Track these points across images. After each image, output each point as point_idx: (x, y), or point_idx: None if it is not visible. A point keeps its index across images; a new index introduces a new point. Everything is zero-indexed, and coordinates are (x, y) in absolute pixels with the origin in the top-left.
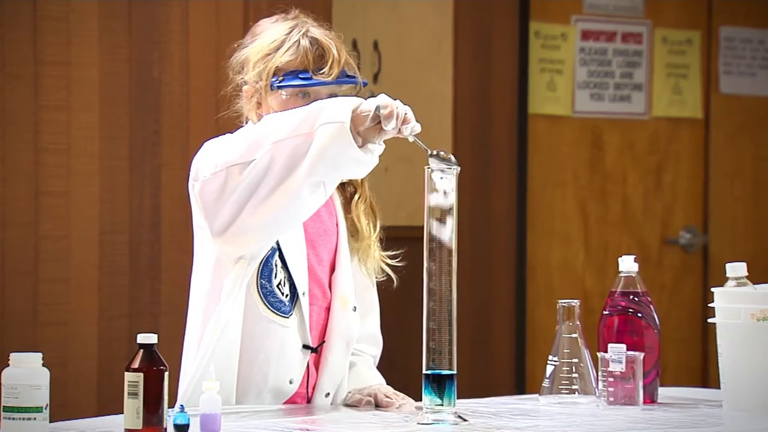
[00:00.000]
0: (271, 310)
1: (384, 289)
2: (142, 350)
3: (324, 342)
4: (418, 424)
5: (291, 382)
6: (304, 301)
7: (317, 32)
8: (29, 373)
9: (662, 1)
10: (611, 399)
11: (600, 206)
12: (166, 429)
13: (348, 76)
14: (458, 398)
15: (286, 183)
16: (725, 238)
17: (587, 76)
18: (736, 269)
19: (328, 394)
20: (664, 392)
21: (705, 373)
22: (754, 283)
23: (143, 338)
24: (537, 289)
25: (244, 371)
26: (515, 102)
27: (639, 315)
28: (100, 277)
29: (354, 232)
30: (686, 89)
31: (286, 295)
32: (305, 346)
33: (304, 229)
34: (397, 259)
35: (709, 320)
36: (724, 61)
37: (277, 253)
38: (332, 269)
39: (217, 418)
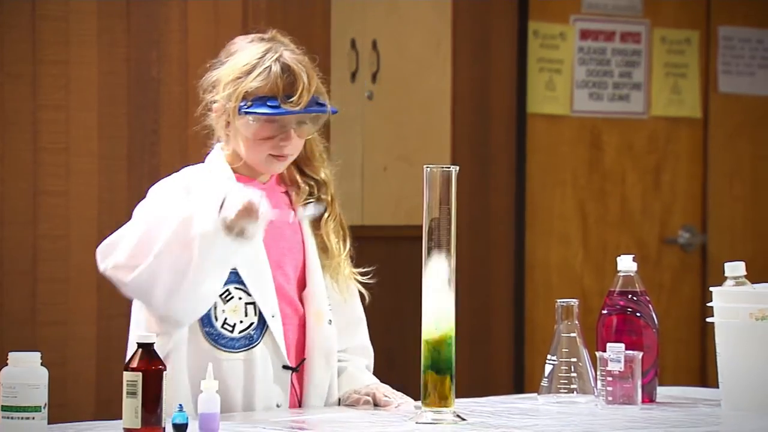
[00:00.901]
0: (227, 350)
1: (383, 288)
2: (140, 349)
3: (305, 359)
4: (417, 423)
5: (278, 406)
6: (275, 323)
7: (290, 58)
8: (28, 372)
9: (661, 1)
10: (610, 398)
11: (599, 206)
12: (164, 428)
13: (318, 104)
14: (457, 397)
15: (180, 290)
16: (724, 238)
17: (586, 75)
18: (735, 269)
19: None
20: (662, 391)
21: (703, 373)
22: (752, 283)
23: (142, 338)
24: (536, 289)
25: (227, 409)
26: (514, 101)
27: (638, 314)
28: (98, 276)
29: (324, 249)
30: (685, 89)
31: (251, 324)
32: (285, 367)
33: (266, 253)
34: (368, 276)
35: (708, 320)
36: (722, 60)
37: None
38: (301, 285)
39: (215, 418)
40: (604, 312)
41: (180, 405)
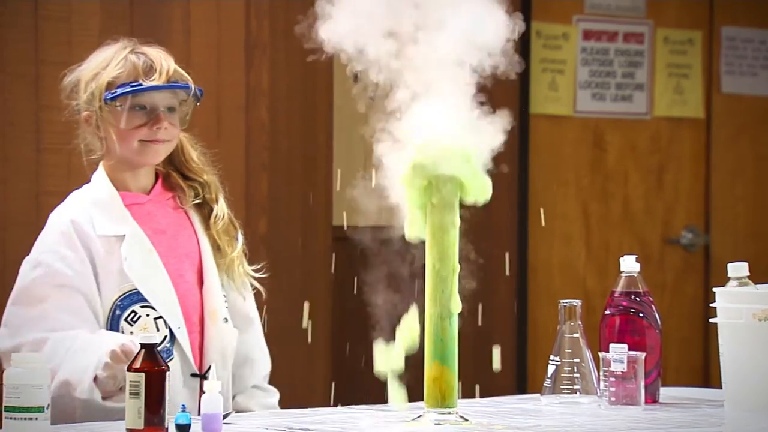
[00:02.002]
0: None
1: (383, 288)
2: (143, 350)
3: (211, 366)
4: (419, 424)
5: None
6: (180, 333)
7: (146, 48)
8: (31, 373)
9: (664, 1)
10: (613, 399)
11: (601, 206)
12: (167, 429)
13: (181, 84)
14: (459, 398)
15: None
16: (727, 238)
17: (589, 75)
18: (738, 269)
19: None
20: (665, 392)
21: (706, 373)
22: (755, 283)
23: (145, 338)
24: (538, 289)
25: None
26: (517, 102)
27: (640, 315)
28: None
29: (218, 248)
30: (688, 89)
31: (165, 338)
32: (193, 375)
33: (165, 264)
34: (261, 272)
35: (711, 320)
36: (725, 61)
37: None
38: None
39: (218, 418)
40: (607, 312)
41: (183, 405)
